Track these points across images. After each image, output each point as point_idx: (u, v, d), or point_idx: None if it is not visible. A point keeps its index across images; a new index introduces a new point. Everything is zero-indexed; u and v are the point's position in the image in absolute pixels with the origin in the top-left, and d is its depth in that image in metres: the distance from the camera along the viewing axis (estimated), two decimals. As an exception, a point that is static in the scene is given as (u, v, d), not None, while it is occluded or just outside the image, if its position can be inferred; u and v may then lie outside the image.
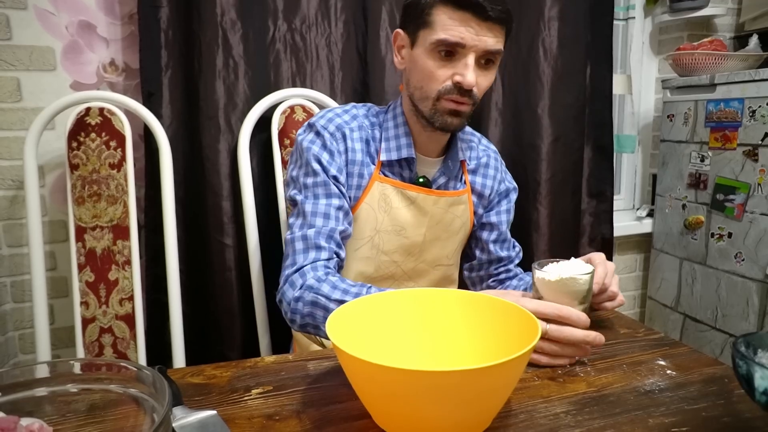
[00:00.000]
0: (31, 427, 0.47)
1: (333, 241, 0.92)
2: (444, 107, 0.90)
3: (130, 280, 1.24)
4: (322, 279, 0.87)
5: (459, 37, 0.84)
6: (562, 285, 0.75)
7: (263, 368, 0.76)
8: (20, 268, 1.36)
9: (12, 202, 1.32)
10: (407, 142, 0.98)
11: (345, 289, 0.84)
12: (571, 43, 1.58)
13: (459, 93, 0.88)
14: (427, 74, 0.89)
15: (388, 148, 0.98)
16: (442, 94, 0.89)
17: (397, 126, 0.99)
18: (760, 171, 1.55)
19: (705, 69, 1.73)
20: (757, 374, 0.52)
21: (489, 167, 1.09)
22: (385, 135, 1.00)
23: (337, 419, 0.62)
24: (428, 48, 0.87)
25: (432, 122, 0.92)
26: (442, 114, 0.90)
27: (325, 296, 0.84)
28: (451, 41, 0.84)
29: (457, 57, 0.86)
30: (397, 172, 1.00)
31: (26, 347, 1.39)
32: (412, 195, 0.99)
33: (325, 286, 0.85)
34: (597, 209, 1.79)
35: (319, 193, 0.94)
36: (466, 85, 0.86)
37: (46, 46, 1.29)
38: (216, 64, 1.28)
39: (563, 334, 0.72)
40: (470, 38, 0.84)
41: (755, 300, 1.59)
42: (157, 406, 0.50)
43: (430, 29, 0.86)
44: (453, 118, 0.91)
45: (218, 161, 1.31)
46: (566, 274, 0.75)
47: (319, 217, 0.93)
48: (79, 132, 1.21)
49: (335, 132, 0.97)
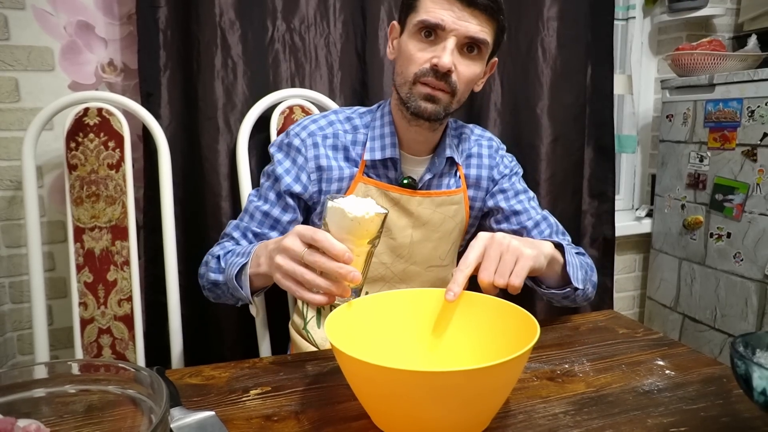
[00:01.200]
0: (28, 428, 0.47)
1: (245, 236, 1.00)
2: (419, 91, 0.88)
3: (128, 281, 1.23)
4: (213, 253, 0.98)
5: (439, 18, 0.83)
6: (352, 221, 0.69)
7: (262, 369, 0.76)
8: (18, 269, 1.35)
9: (10, 202, 1.32)
10: (391, 142, 0.97)
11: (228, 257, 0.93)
12: (571, 43, 1.58)
13: (435, 76, 0.86)
14: (407, 57, 0.88)
15: (372, 147, 0.97)
16: (419, 76, 0.87)
17: (382, 125, 0.98)
18: (759, 171, 1.55)
19: (704, 69, 1.73)
20: (756, 374, 0.52)
21: (482, 156, 1.06)
22: (371, 134, 0.99)
23: (336, 420, 0.62)
24: (411, 31, 0.88)
25: (408, 107, 0.90)
26: (417, 98, 0.89)
27: (213, 255, 0.98)
28: (431, 22, 0.84)
29: (437, 40, 0.86)
30: (383, 173, 0.99)
31: (25, 348, 1.39)
32: (396, 196, 0.98)
33: (215, 250, 0.99)
34: (598, 210, 1.78)
35: (264, 195, 1.00)
36: (441, 67, 0.84)
37: (44, 46, 1.28)
38: (215, 64, 1.28)
39: (315, 260, 0.67)
40: (451, 21, 0.83)
41: (754, 300, 1.59)
42: (155, 407, 0.50)
43: (415, 12, 0.87)
44: (427, 104, 0.88)
45: (217, 161, 1.31)
46: (362, 211, 0.69)
47: (246, 215, 1.01)
48: (77, 132, 1.20)
49: (306, 139, 0.98)
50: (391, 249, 1.00)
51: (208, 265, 0.97)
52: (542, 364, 0.76)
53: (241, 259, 0.86)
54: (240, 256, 0.88)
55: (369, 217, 0.69)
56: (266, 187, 1.01)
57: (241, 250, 0.90)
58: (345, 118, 1.02)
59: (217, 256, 0.95)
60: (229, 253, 0.93)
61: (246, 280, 0.85)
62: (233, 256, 0.90)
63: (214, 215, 1.32)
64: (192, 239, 1.33)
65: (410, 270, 1.03)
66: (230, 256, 0.92)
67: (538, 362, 0.77)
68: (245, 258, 0.86)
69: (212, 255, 0.98)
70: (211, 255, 0.98)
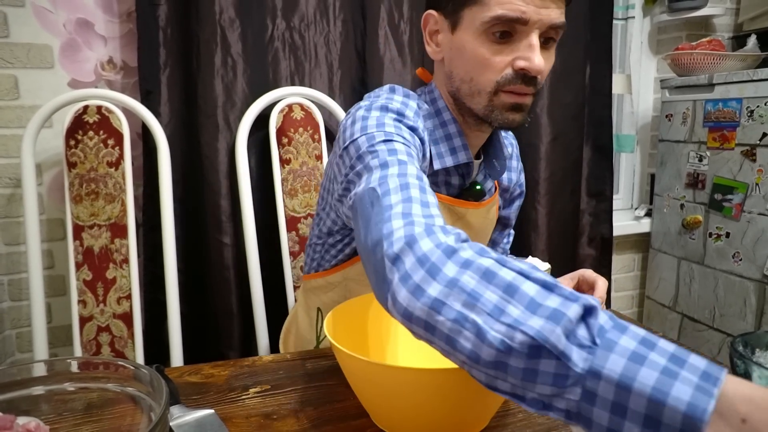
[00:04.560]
0: (28, 425, 0.47)
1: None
2: (504, 102, 0.73)
3: (128, 279, 1.23)
4: (489, 254, 0.46)
5: (520, 12, 0.66)
6: None
7: (261, 367, 0.76)
8: (17, 267, 1.35)
9: (9, 200, 1.32)
10: (462, 143, 0.79)
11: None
12: (571, 42, 1.58)
13: (523, 82, 0.71)
14: (480, 62, 0.71)
15: (439, 152, 0.79)
16: (502, 85, 0.71)
17: (444, 124, 0.80)
18: (758, 171, 1.55)
19: (703, 69, 1.73)
20: (755, 374, 0.53)
21: (512, 158, 0.98)
22: (431, 137, 0.80)
23: (335, 418, 0.62)
24: (479, 29, 0.70)
25: (489, 121, 0.75)
26: (502, 110, 0.73)
27: (515, 270, 0.44)
28: (511, 16, 0.66)
29: (517, 37, 0.69)
30: (442, 180, 0.82)
31: (23, 345, 1.39)
32: (461, 211, 0.83)
33: (513, 266, 0.44)
34: (596, 209, 1.79)
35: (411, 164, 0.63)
36: (534, 71, 0.69)
37: (43, 43, 1.28)
38: (214, 62, 1.28)
39: None
40: (533, 11, 0.67)
41: (753, 300, 1.59)
42: (154, 405, 0.50)
43: (480, 6, 0.69)
44: (516, 114, 0.74)
45: (216, 159, 1.31)
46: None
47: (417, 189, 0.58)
48: (76, 130, 1.20)
49: (418, 122, 0.75)
50: None
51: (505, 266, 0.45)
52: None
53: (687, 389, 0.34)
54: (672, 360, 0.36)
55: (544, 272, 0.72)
56: (407, 153, 0.65)
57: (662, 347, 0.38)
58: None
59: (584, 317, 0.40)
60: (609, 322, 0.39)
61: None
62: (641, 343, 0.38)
63: (214, 213, 1.31)
64: (191, 237, 1.33)
65: None
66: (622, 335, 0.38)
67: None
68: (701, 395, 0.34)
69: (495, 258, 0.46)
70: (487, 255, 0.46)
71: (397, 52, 1.43)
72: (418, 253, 0.46)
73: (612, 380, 0.35)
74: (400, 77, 1.44)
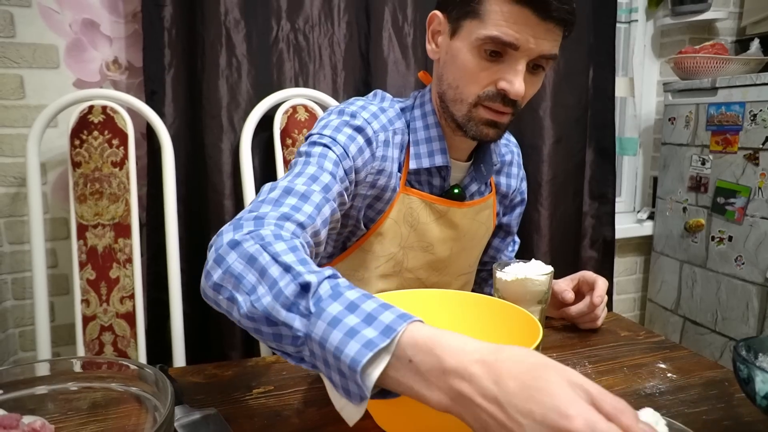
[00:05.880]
0: (33, 424, 0.48)
1: (315, 219, 0.66)
2: (481, 116, 0.77)
3: (131, 279, 1.24)
4: (283, 237, 0.57)
5: (513, 38, 0.70)
6: (520, 285, 0.76)
7: (264, 368, 0.76)
8: (21, 265, 1.36)
9: (14, 199, 1.32)
10: (440, 147, 0.84)
11: (303, 260, 0.53)
12: (574, 45, 1.58)
13: (502, 102, 0.75)
14: (467, 73, 0.75)
15: (417, 153, 0.84)
16: (482, 99, 0.75)
17: (427, 127, 0.84)
18: (761, 175, 1.55)
19: (706, 72, 1.73)
20: (758, 378, 0.53)
21: (513, 165, 1.00)
22: (414, 137, 0.85)
23: (338, 419, 0.62)
24: (473, 43, 0.73)
25: (465, 130, 0.79)
26: (478, 123, 0.78)
27: (273, 255, 0.53)
28: (504, 40, 0.70)
29: (506, 59, 0.73)
30: (425, 180, 0.86)
31: (26, 344, 1.39)
32: (443, 209, 0.87)
33: (282, 244, 0.55)
34: (598, 211, 1.79)
35: (325, 167, 0.72)
36: (513, 95, 0.73)
37: (49, 43, 1.29)
38: (219, 63, 1.28)
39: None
40: (525, 40, 0.70)
41: (755, 303, 1.59)
42: (159, 405, 0.50)
43: (480, 21, 0.71)
44: (490, 129, 0.78)
45: (220, 160, 1.31)
46: (523, 274, 0.76)
47: (317, 184, 0.69)
48: (81, 130, 1.21)
49: (379, 132, 0.81)
50: (429, 264, 0.91)
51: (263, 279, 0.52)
52: (544, 365, 0.76)
53: (372, 332, 0.45)
54: (361, 314, 0.46)
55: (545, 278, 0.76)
56: (332, 161, 0.74)
57: (362, 300, 0.47)
58: (398, 113, 0.85)
59: (305, 284, 0.49)
60: (329, 286, 0.49)
61: (369, 379, 0.44)
62: (344, 304, 0.47)
63: (217, 213, 1.32)
64: (194, 237, 1.34)
65: (443, 281, 0.95)
66: (334, 296, 0.48)
67: (539, 364, 0.77)
68: (381, 336, 0.44)
69: (264, 245, 0.54)
70: (262, 243, 0.55)
71: (401, 54, 1.43)
72: (216, 245, 0.58)
73: (317, 341, 0.46)
74: (403, 79, 1.44)
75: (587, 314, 0.86)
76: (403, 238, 0.87)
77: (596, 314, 0.86)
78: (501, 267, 0.79)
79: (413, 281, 0.91)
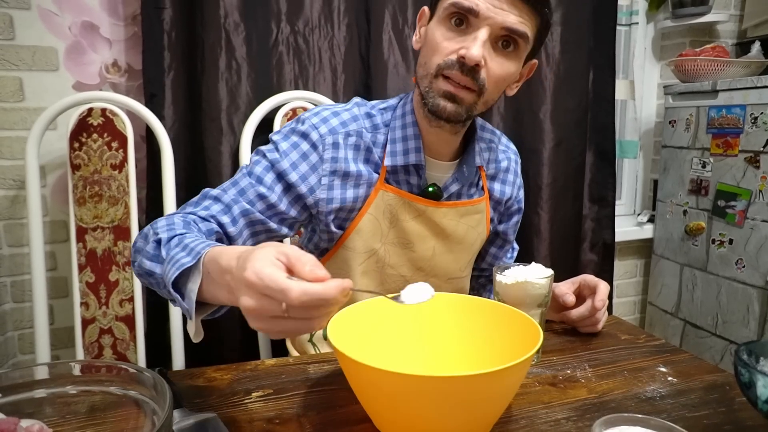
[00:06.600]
0: (31, 428, 0.47)
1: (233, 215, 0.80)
2: (440, 87, 0.77)
3: (130, 281, 1.23)
4: (167, 232, 0.70)
5: (474, 3, 0.72)
6: (520, 288, 0.76)
7: (264, 371, 0.75)
8: (20, 268, 1.36)
9: (13, 201, 1.32)
10: (415, 146, 0.85)
11: (170, 227, 0.71)
12: (574, 48, 1.58)
13: (460, 70, 0.75)
14: (432, 45, 0.77)
15: (393, 151, 0.86)
16: (442, 68, 0.76)
17: (404, 126, 0.86)
18: (762, 178, 1.55)
19: (707, 75, 1.73)
20: (760, 382, 0.52)
21: (509, 172, 0.99)
22: (392, 136, 0.87)
23: (338, 423, 0.62)
24: (441, 16, 0.77)
25: (425, 103, 0.79)
26: (436, 95, 0.78)
27: (154, 230, 0.71)
28: (464, 5, 0.73)
29: (469, 30, 0.75)
30: (404, 179, 0.88)
31: (25, 347, 1.39)
32: (420, 207, 0.88)
33: (163, 221, 0.73)
34: (598, 214, 1.79)
35: (259, 176, 0.82)
36: (469, 60, 0.73)
37: (49, 46, 1.29)
38: (219, 66, 1.28)
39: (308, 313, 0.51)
40: (486, 7, 0.72)
41: (756, 307, 1.58)
42: (157, 409, 0.50)
43: None
44: (447, 102, 0.77)
45: (220, 163, 1.31)
46: (523, 277, 0.76)
47: (234, 188, 0.82)
48: (81, 132, 1.21)
49: (326, 136, 0.84)
50: (412, 262, 0.92)
51: (145, 245, 0.71)
52: (544, 369, 0.76)
53: (186, 258, 0.60)
54: (185, 250, 0.62)
55: (545, 281, 0.76)
56: (263, 168, 0.83)
57: (191, 242, 0.63)
58: (365, 114, 0.88)
59: (158, 240, 0.68)
60: (176, 239, 0.67)
61: (191, 292, 0.60)
62: (179, 247, 0.64)
63: (217, 216, 1.31)
64: (194, 240, 1.33)
65: (430, 283, 0.94)
66: (176, 245, 0.65)
67: (540, 368, 0.77)
68: (190, 258, 0.60)
69: (154, 230, 0.71)
70: (153, 230, 0.72)
71: (401, 56, 1.43)
72: (140, 233, 0.75)
73: (166, 279, 0.61)
74: (403, 82, 1.44)
75: (588, 318, 0.86)
76: (384, 234, 0.89)
77: (597, 318, 0.86)
78: (501, 270, 0.79)
79: (396, 278, 0.92)
